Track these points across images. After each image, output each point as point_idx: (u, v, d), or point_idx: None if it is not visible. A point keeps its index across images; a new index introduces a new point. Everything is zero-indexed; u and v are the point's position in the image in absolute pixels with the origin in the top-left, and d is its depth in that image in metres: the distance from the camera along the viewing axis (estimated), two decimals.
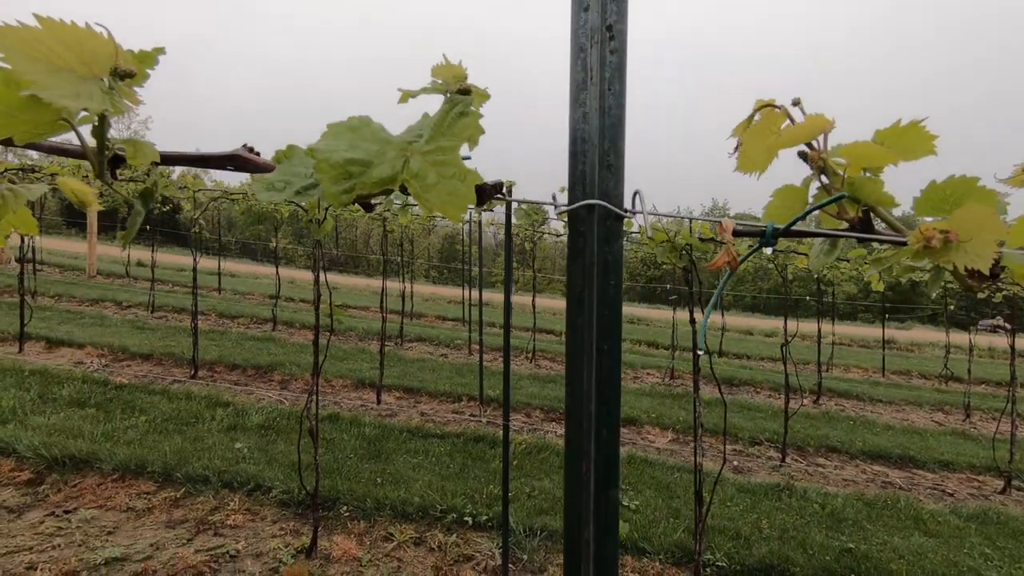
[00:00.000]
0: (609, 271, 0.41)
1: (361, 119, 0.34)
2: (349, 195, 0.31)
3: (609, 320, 0.43)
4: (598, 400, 0.43)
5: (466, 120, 0.32)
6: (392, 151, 0.32)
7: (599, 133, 0.38)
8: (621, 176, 0.39)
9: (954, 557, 3.11)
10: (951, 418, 6.76)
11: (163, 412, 4.05)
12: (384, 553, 2.69)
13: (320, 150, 0.31)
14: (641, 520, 3.13)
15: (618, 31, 0.38)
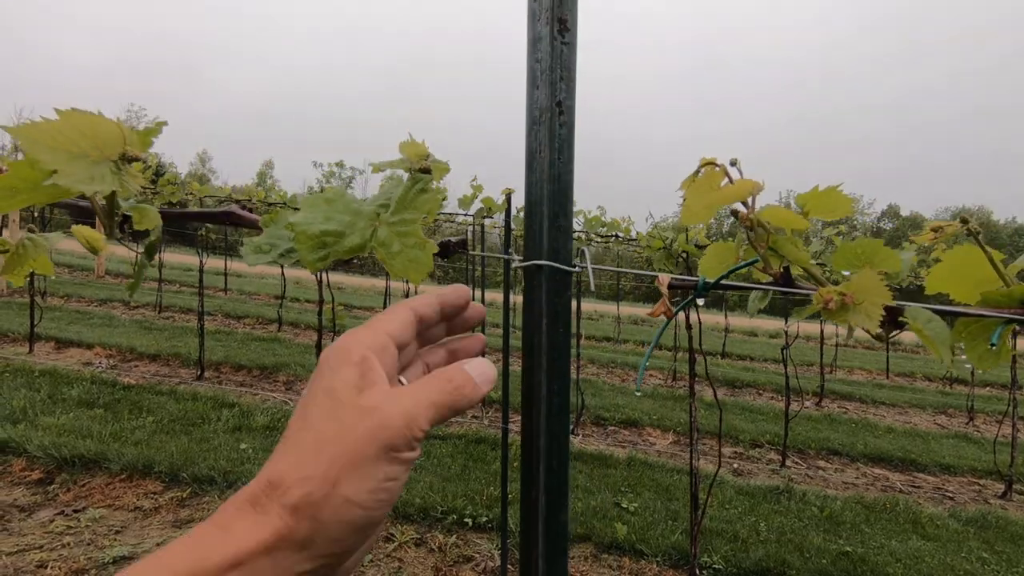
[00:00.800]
0: (558, 320, 0.45)
1: (336, 191, 0.38)
2: (324, 261, 0.36)
3: (559, 364, 0.47)
4: (548, 435, 0.46)
5: (426, 196, 0.37)
6: (362, 222, 0.36)
7: (552, 198, 0.42)
8: (569, 235, 0.43)
9: (951, 561, 3.13)
10: (954, 421, 6.75)
11: (170, 413, 4.11)
12: (385, 553, 2.74)
13: (299, 223, 0.36)
14: (639, 522, 3.17)
15: (567, 107, 0.42)
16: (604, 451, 4.32)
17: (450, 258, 0.56)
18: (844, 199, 0.50)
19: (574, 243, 5.44)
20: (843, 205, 0.51)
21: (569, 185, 0.43)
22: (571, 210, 0.43)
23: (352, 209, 0.38)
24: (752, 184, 0.43)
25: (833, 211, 0.50)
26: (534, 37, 0.43)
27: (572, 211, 0.43)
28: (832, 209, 0.50)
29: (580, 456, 4.13)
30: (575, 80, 0.42)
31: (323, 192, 0.38)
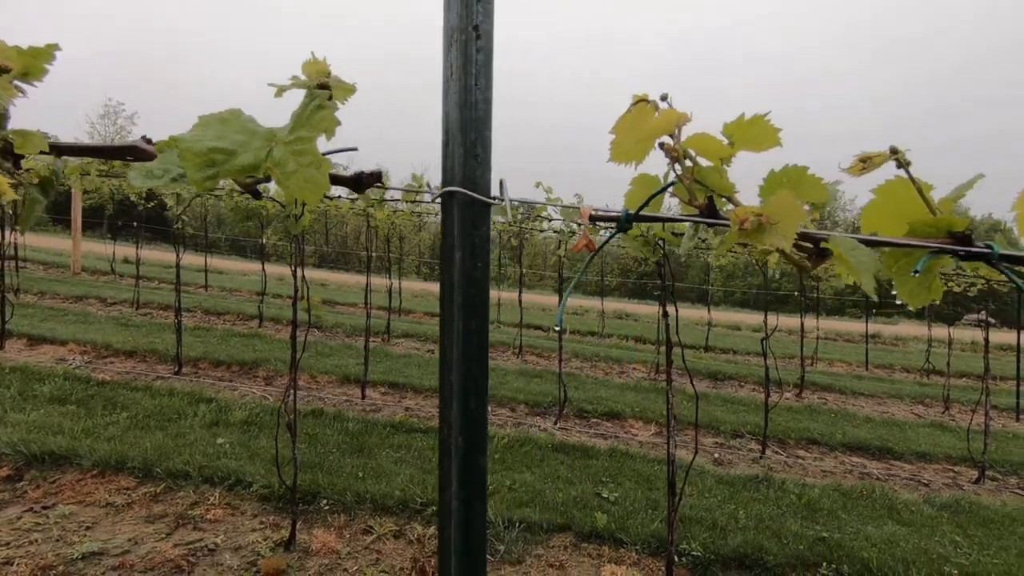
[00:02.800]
0: (476, 254, 0.44)
1: (232, 111, 0.36)
2: (213, 180, 0.33)
3: (476, 300, 0.45)
4: (465, 375, 0.45)
5: (323, 112, 0.35)
6: (257, 141, 0.35)
7: (468, 125, 0.40)
8: (488, 166, 0.42)
9: (925, 545, 3.17)
10: (931, 410, 6.87)
11: (145, 408, 4.04)
12: (363, 546, 2.71)
13: (184, 139, 0.34)
14: (619, 511, 3.17)
15: (484, 31, 0.41)
16: (586, 443, 4.33)
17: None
18: (771, 129, 0.49)
19: (556, 235, 5.37)
20: (770, 136, 0.49)
21: (487, 114, 0.41)
22: (489, 140, 0.41)
23: (248, 129, 0.36)
24: (678, 115, 0.41)
25: (760, 142, 0.49)
26: None
27: (490, 141, 0.42)
28: (759, 140, 0.49)
29: (562, 448, 4.13)
30: (493, 4, 0.40)
31: (220, 112, 0.36)
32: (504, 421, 4.76)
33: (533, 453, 3.97)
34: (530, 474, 3.60)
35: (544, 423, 4.84)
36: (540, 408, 5.21)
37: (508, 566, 2.67)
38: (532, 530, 2.94)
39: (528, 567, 2.67)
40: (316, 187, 0.34)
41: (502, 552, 2.72)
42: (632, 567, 2.73)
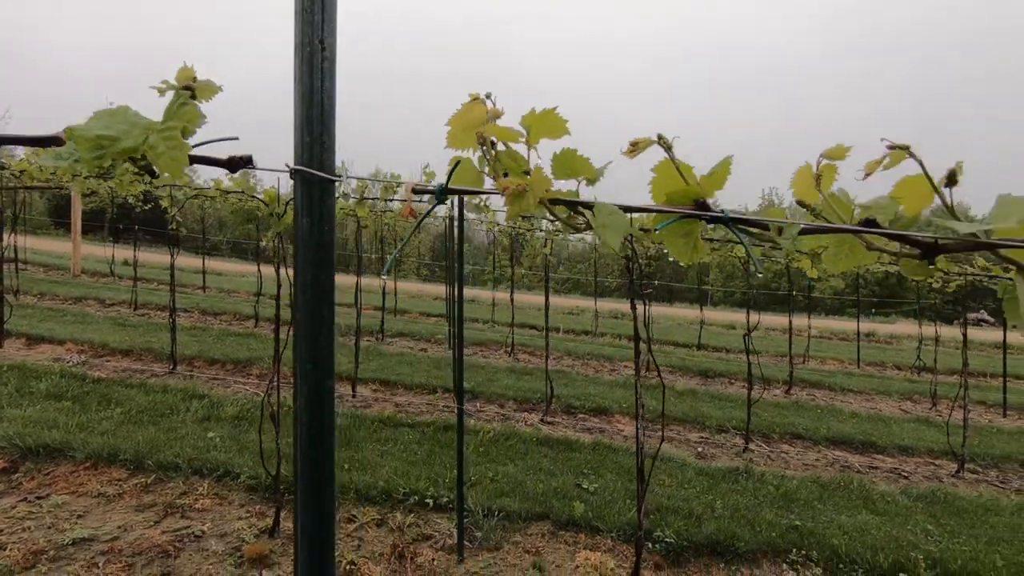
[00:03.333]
0: (323, 220, 0.53)
1: (121, 107, 0.46)
2: (101, 160, 0.43)
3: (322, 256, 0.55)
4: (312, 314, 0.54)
5: (186, 108, 0.45)
6: (137, 130, 0.44)
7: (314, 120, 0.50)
8: (332, 151, 0.51)
9: (896, 533, 3.25)
10: (919, 406, 6.94)
11: (139, 404, 4.14)
12: (346, 533, 2.80)
13: (79, 128, 0.43)
14: (597, 501, 3.26)
15: (328, 44, 0.50)
16: (571, 437, 4.41)
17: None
18: (560, 121, 0.59)
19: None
20: (560, 126, 0.59)
21: (332, 109, 0.51)
22: (334, 130, 0.51)
23: (131, 120, 0.45)
24: (493, 110, 0.51)
25: (553, 131, 0.59)
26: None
27: (335, 131, 0.51)
28: (552, 130, 0.59)
29: (546, 442, 4.22)
30: (335, 21, 0.50)
31: (112, 108, 0.45)
32: (492, 416, 4.85)
33: (517, 447, 4.06)
34: (513, 466, 3.69)
35: (531, 418, 4.92)
36: (529, 404, 5.29)
37: (486, 552, 2.75)
38: (511, 519, 3.02)
39: (505, 553, 2.76)
40: (177, 164, 0.43)
41: (480, 539, 2.81)
42: (606, 553, 2.82)
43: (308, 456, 0.62)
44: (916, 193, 0.57)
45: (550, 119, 0.58)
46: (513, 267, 8.08)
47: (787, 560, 2.89)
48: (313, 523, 0.65)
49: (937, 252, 0.55)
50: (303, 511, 0.64)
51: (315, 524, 0.66)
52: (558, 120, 0.59)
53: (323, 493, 0.66)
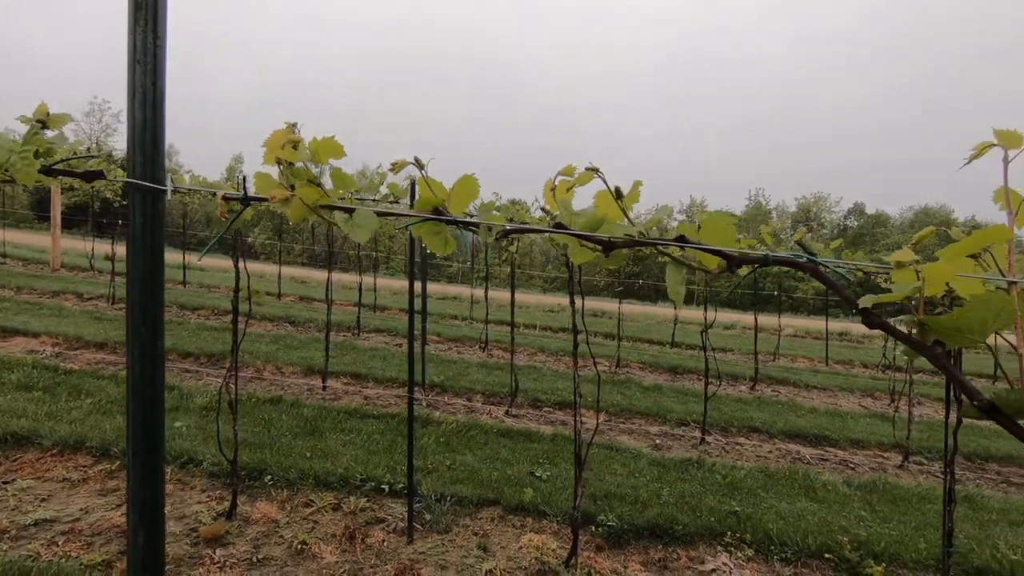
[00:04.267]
0: (156, 225, 0.66)
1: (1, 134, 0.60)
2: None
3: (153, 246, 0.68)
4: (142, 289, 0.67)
5: (37, 136, 0.59)
6: (3, 151, 0.58)
7: (149, 142, 0.63)
8: (162, 162, 0.65)
9: (831, 519, 3.43)
10: (878, 403, 7.17)
11: (109, 395, 4.23)
12: (302, 516, 2.93)
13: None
14: (548, 488, 3.41)
15: (158, 86, 0.63)
16: (532, 428, 4.56)
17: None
18: (337, 145, 0.73)
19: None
20: (336, 150, 0.73)
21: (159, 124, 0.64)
22: (162, 143, 0.65)
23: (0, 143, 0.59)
24: (291, 137, 0.65)
25: (334, 153, 0.73)
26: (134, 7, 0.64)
27: (163, 144, 0.65)
28: (333, 152, 0.73)
29: (507, 433, 4.37)
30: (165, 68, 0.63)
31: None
32: (457, 409, 4.99)
33: (479, 437, 4.20)
34: (471, 456, 3.83)
35: (497, 411, 5.07)
36: (497, 398, 5.44)
37: (435, 534, 2.89)
38: (463, 504, 3.17)
39: (454, 535, 2.90)
40: (30, 177, 0.58)
41: (429, 521, 2.95)
42: (551, 536, 2.97)
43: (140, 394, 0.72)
44: (606, 203, 0.72)
45: (330, 145, 0.73)
46: (487, 266, 8.21)
47: (722, 542, 3.06)
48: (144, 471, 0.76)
49: (611, 248, 0.69)
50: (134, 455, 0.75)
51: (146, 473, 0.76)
52: (336, 145, 0.73)
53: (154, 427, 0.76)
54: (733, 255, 0.65)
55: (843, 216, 63.05)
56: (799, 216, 60.03)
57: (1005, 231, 0.56)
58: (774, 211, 61.15)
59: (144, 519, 0.73)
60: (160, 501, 0.77)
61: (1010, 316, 0.48)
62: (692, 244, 0.66)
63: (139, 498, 0.72)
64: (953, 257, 0.56)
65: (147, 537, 0.73)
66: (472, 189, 0.75)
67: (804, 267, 0.64)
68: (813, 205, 59.97)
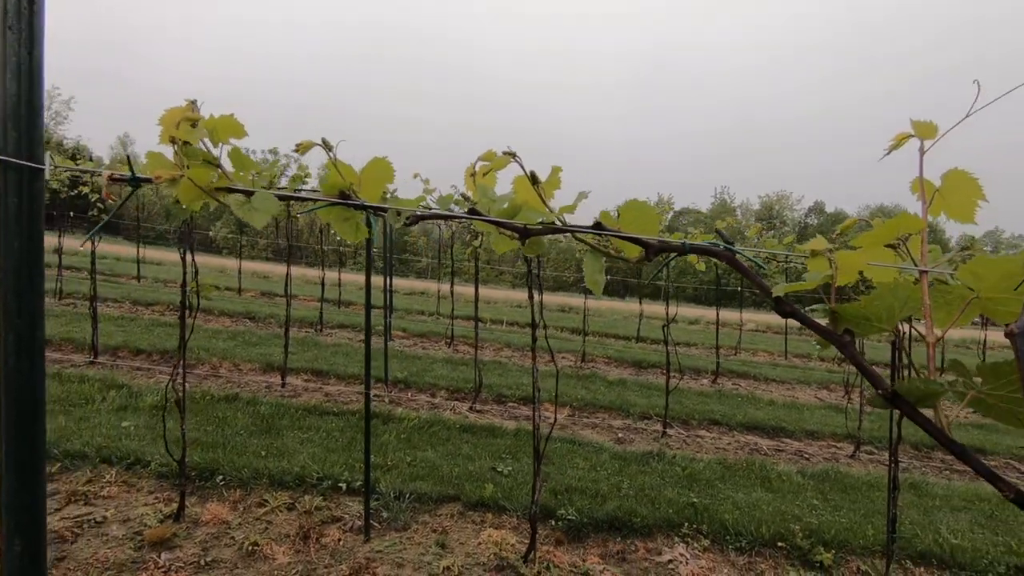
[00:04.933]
0: (34, 207, 0.62)
1: None
2: None
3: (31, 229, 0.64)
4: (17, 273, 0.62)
5: None
6: None
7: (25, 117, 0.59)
8: (40, 138, 0.60)
9: (785, 508, 3.52)
10: (834, 395, 7.40)
11: (51, 394, 4.03)
12: (255, 517, 2.85)
13: None
14: (508, 483, 3.40)
15: (35, 55, 0.59)
16: (495, 423, 4.55)
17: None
18: (235, 124, 0.70)
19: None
20: (235, 129, 0.70)
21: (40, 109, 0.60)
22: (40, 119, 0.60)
23: None
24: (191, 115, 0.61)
25: (229, 133, 0.70)
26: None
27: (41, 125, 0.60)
28: (229, 131, 0.70)
29: (470, 429, 4.34)
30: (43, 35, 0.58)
31: None
32: (421, 405, 4.94)
33: (441, 433, 4.16)
34: (433, 452, 3.79)
35: (461, 407, 5.04)
36: (461, 393, 5.41)
37: (393, 532, 2.85)
38: (423, 500, 3.13)
39: (412, 532, 2.86)
40: None
41: (387, 519, 2.91)
42: (510, 531, 2.96)
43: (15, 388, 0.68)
44: (525, 189, 0.70)
45: (229, 123, 0.69)
46: (453, 261, 8.15)
47: (679, 534, 3.10)
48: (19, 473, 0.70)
49: (528, 235, 0.68)
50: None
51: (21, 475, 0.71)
52: (235, 124, 0.69)
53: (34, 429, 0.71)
54: (652, 243, 0.64)
55: (804, 214, 64.87)
56: (762, 214, 61.57)
57: (916, 220, 0.57)
58: (738, 208, 62.57)
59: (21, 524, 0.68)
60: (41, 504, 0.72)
61: (917, 304, 0.48)
62: (610, 232, 0.65)
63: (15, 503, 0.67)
64: (870, 246, 0.56)
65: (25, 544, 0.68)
66: (384, 173, 0.72)
67: (720, 255, 0.63)
68: (776, 203, 61.55)
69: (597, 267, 0.67)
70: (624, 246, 0.66)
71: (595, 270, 0.67)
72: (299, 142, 0.67)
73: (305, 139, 0.67)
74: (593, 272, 0.67)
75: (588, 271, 0.66)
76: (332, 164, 0.66)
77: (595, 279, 0.67)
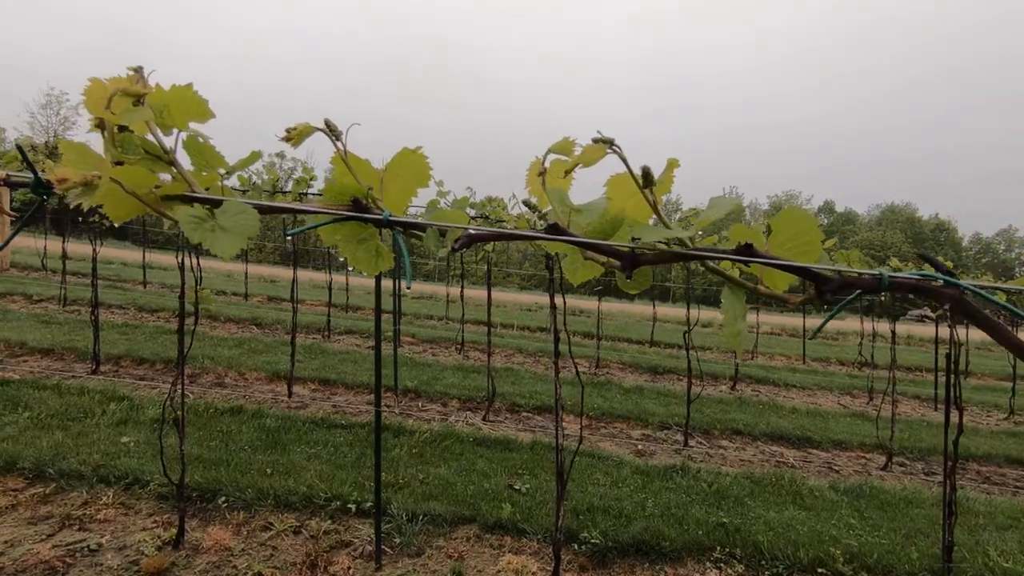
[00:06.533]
0: None
1: None
2: None
3: None
4: None
5: None
6: None
7: None
8: None
9: (820, 528, 3.31)
10: (857, 401, 7.16)
11: (50, 408, 3.89)
12: (259, 542, 2.67)
13: None
14: (527, 503, 3.21)
15: None
16: (510, 436, 4.36)
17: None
18: (195, 100, 0.51)
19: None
20: (196, 107, 0.51)
21: None
22: None
23: None
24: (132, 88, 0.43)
25: (187, 114, 0.51)
26: None
27: None
28: (186, 111, 0.51)
29: (484, 442, 4.15)
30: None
31: None
32: (432, 416, 4.76)
33: (454, 447, 3.98)
34: (446, 468, 3.61)
35: (474, 418, 4.85)
36: (473, 403, 5.22)
37: (406, 558, 2.67)
38: (436, 522, 2.94)
39: (426, 559, 2.67)
40: None
41: (400, 544, 2.72)
42: (531, 556, 2.77)
43: None
44: (623, 192, 0.51)
45: (186, 98, 0.49)
46: (463, 265, 7.97)
47: (711, 558, 2.90)
48: None
49: (637, 263, 0.49)
50: None
51: None
52: (195, 100, 0.50)
53: None
54: (828, 276, 0.45)
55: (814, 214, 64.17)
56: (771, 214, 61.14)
57: None
58: (747, 209, 62.13)
59: None
60: None
61: None
62: (763, 259, 0.46)
63: None
64: None
65: None
66: (419, 170, 0.52)
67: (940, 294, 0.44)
68: (785, 203, 61.08)
69: (739, 310, 0.47)
70: (775, 276, 0.48)
71: (736, 315, 0.47)
72: (290, 126, 0.47)
73: (301, 122, 0.48)
74: (735, 318, 0.47)
75: (728, 316, 0.47)
76: (340, 159, 0.48)
77: (736, 328, 0.48)
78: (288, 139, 0.49)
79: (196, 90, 0.49)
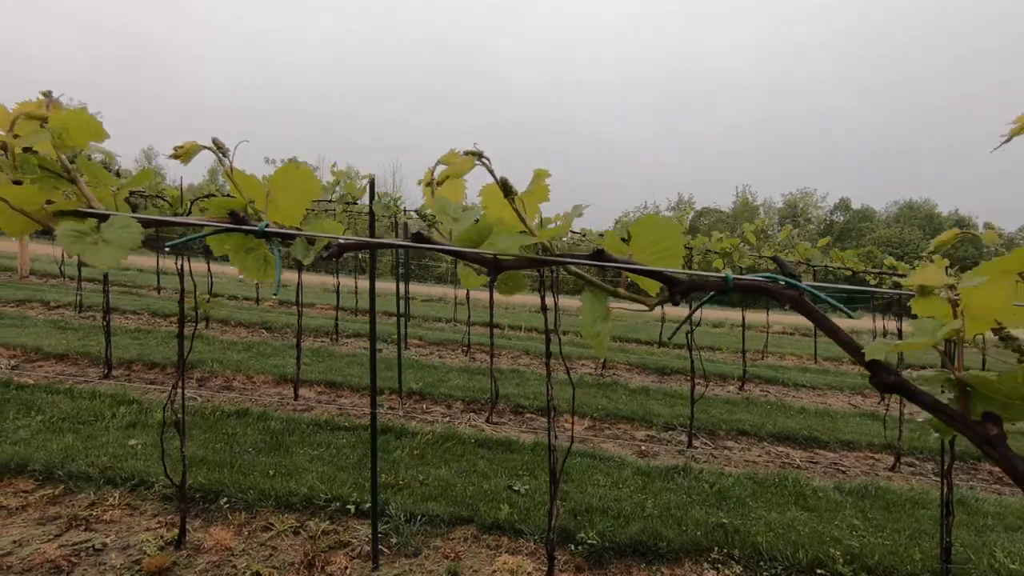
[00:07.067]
0: None
1: None
2: None
3: None
4: None
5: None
6: None
7: None
8: None
9: (823, 529, 3.28)
10: (868, 401, 7.07)
11: (62, 411, 3.98)
12: (259, 543, 2.72)
13: None
14: (525, 503, 3.22)
15: None
16: (512, 437, 4.38)
17: None
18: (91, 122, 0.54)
19: None
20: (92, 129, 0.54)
21: None
22: None
23: None
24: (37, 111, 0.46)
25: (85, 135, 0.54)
26: None
27: None
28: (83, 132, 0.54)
29: (486, 443, 4.17)
30: None
31: None
32: (436, 418, 4.79)
33: (456, 449, 4.00)
34: (447, 469, 3.64)
35: (477, 419, 4.88)
36: (477, 404, 5.25)
37: (403, 558, 2.70)
38: (435, 523, 2.97)
39: (423, 559, 2.70)
40: None
41: (397, 544, 2.75)
42: (527, 556, 2.78)
43: None
44: (499, 202, 0.53)
45: (82, 120, 0.52)
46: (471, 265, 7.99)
47: (709, 559, 2.89)
48: None
49: (499, 268, 0.51)
50: None
51: None
52: (91, 122, 0.53)
53: None
54: (679, 279, 0.47)
55: (829, 211, 63.39)
56: (785, 212, 60.38)
57: None
58: (761, 207, 61.47)
59: None
60: None
61: None
62: (619, 263, 0.48)
63: None
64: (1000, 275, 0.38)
65: None
66: (305, 185, 0.55)
67: (781, 296, 0.46)
68: (799, 200, 60.34)
69: (599, 312, 0.50)
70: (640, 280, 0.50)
71: (596, 317, 0.49)
72: (178, 144, 0.51)
73: (188, 141, 0.51)
74: (594, 320, 0.50)
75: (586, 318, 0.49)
76: (228, 174, 0.51)
77: (595, 330, 0.50)
78: (176, 156, 0.52)
79: (88, 112, 0.53)
